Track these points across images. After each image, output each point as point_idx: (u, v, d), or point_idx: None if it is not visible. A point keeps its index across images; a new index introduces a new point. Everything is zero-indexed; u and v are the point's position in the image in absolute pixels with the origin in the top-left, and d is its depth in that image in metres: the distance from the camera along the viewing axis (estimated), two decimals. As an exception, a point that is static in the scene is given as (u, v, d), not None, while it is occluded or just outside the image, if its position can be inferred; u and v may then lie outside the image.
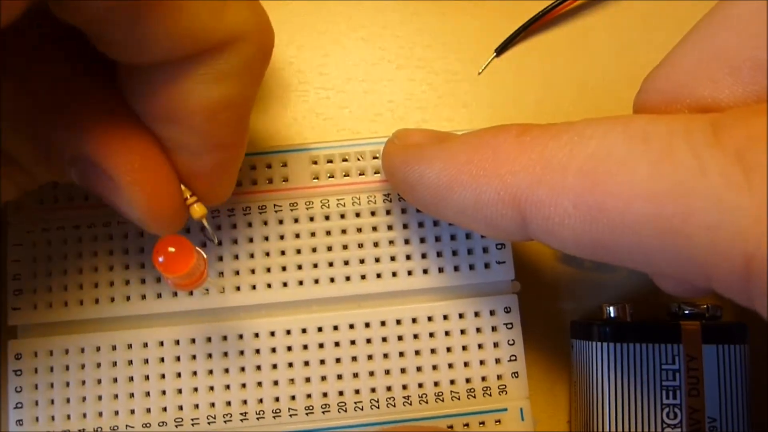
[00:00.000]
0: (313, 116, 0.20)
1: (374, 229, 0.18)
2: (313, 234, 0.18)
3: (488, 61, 0.21)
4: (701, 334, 0.17)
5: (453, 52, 0.21)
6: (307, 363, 0.17)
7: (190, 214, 0.15)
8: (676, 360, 0.17)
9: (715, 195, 0.11)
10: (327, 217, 0.18)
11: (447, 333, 0.18)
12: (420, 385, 0.17)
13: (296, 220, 0.18)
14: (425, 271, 0.18)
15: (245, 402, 0.17)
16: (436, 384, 0.17)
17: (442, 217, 0.17)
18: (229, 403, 0.17)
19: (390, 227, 0.18)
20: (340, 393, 0.17)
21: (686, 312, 0.18)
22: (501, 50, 0.21)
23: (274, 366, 0.17)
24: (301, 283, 0.18)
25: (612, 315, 0.18)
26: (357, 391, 0.17)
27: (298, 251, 0.18)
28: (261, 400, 0.17)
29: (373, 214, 0.18)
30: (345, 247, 0.18)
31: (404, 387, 0.17)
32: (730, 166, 0.11)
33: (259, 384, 0.17)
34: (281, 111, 0.20)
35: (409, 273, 0.18)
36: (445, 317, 0.18)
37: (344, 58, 0.21)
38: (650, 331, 0.17)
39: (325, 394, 0.17)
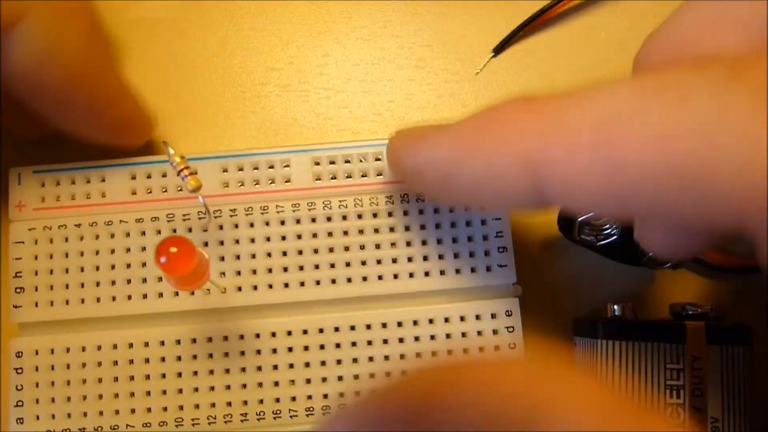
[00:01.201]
0: (313, 116, 0.20)
1: (376, 231, 0.18)
2: (314, 235, 0.18)
3: (486, 61, 0.21)
4: (705, 334, 0.17)
5: (453, 52, 0.21)
6: (307, 364, 0.17)
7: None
8: (680, 359, 0.17)
9: (742, 130, 0.10)
10: (329, 218, 0.18)
11: (448, 335, 0.18)
12: (420, 388, 0.17)
13: (298, 221, 0.18)
14: (427, 274, 0.18)
15: (246, 402, 0.17)
16: (436, 387, 0.17)
17: (452, 199, 0.17)
18: (229, 404, 0.17)
19: (392, 229, 0.18)
20: (341, 395, 0.17)
21: (690, 312, 0.18)
22: (499, 50, 0.21)
23: (275, 367, 0.17)
24: (302, 284, 0.18)
25: (617, 313, 0.18)
26: (358, 393, 0.17)
27: (300, 252, 0.18)
28: (261, 401, 0.17)
29: (375, 215, 0.18)
30: (347, 248, 0.18)
31: (405, 389, 0.17)
32: (757, 99, 0.10)
33: (260, 385, 0.17)
34: (281, 111, 0.20)
35: (411, 275, 0.18)
36: (447, 320, 0.18)
37: (344, 57, 0.21)
38: (655, 329, 0.17)
39: (325, 396, 0.17)
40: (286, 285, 0.18)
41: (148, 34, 0.20)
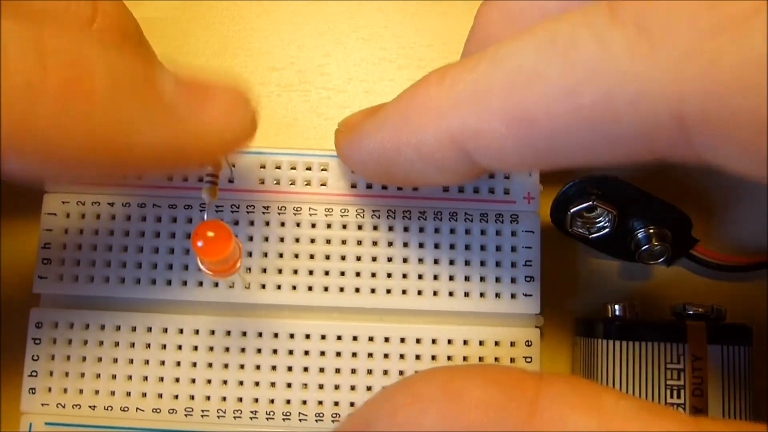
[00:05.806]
0: (314, 116, 0.20)
1: (405, 245, 0.18)
2: (343, 242, 0.18)
3: None
4: (706, 334, 0.17)
5: (454, 51, 0.21)
6: (322, 370, 0.17)
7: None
8: (681, 359, 0.17)
9: (626, 70, 0.11)
10: (360, 227, 0.18)
11: (465, 358, 0.18)
12: (431, 407, 0.17)
13: (329, 226, 0.18)
14: (451, 294, 0.18)
15: (256, 400, 0.17)
16: (447, 408, 0.17)
17: (403, 182, 0.17)
18: (240, 400, 0.17)
19: (421, 245, 0.18)
20: (351, 404, 0.17)
21: (690, 312, 0.18)
22: None
23: (290, 368, 0.17)
24: (326, 289, 0.18)
25: (618, 313, 0.18)
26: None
27: (327, 257, 0.18)
28: (272, 401, 0.17)
29: (405, 230, 0.18)
30: (374, 259, 0.18)
31: (416, 406, 0.17)
32: (633, 37, 0.11)
33: (273, 384, 0.17)
34: (282, 111, 0.20)
35: (435, 293, 0.18)
36: (465, 342, 0.18)
37: (345, 58, 0.21)
38: (656, 329, 0.17)
39: (336, 403, 0.17)
40: (310, 288, 0.18)
41: (150, 34, 0.20)
